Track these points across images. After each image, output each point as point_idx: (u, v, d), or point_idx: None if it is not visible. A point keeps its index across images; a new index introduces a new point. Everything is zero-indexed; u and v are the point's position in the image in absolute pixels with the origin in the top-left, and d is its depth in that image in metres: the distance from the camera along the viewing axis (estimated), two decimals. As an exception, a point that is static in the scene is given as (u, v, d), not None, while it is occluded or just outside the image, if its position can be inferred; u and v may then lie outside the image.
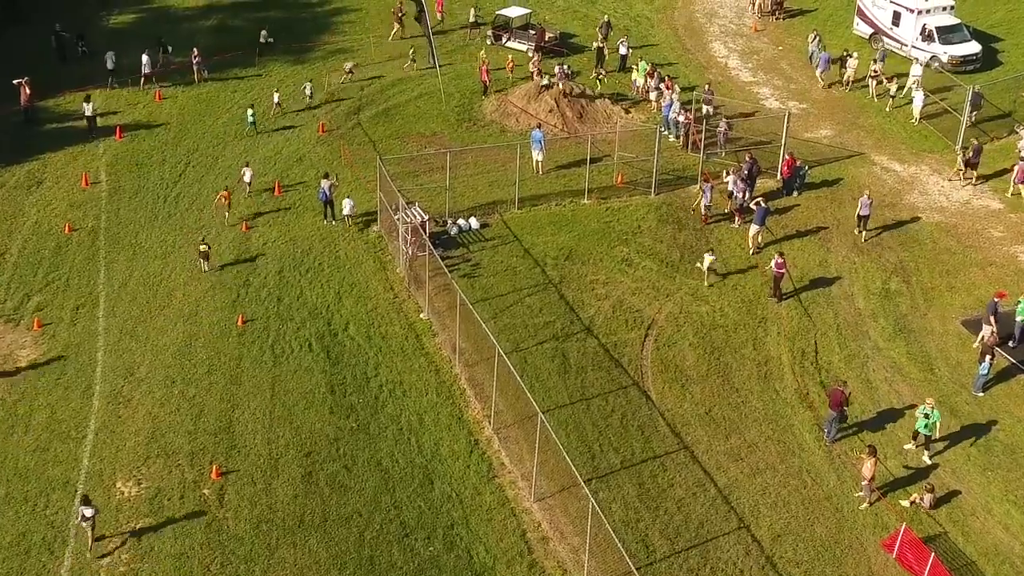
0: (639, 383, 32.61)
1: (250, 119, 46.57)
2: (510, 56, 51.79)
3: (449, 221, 39.92)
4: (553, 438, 27.42)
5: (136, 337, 33.68)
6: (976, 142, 43.67)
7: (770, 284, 36.51)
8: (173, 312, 34.92)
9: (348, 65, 51.36)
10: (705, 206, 40.45)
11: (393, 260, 37.88)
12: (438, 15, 48.86)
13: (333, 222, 39.56)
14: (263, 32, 54.61)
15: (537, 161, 43.11)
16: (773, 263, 36.15)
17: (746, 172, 41.44)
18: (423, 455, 29.73)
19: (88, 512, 26.07)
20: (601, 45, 52.35)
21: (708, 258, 36.98)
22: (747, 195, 41.12)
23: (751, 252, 38.82)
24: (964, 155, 43.42)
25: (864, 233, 40.06)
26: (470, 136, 46.70)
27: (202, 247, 37.00)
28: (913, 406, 31.18)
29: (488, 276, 37.18)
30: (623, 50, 52.79)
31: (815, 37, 53.48)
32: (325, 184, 39.30)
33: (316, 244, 38.74)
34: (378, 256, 38.25)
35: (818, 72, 51.98)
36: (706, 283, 36.75)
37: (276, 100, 48.03)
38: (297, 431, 30.23)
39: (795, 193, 42.63)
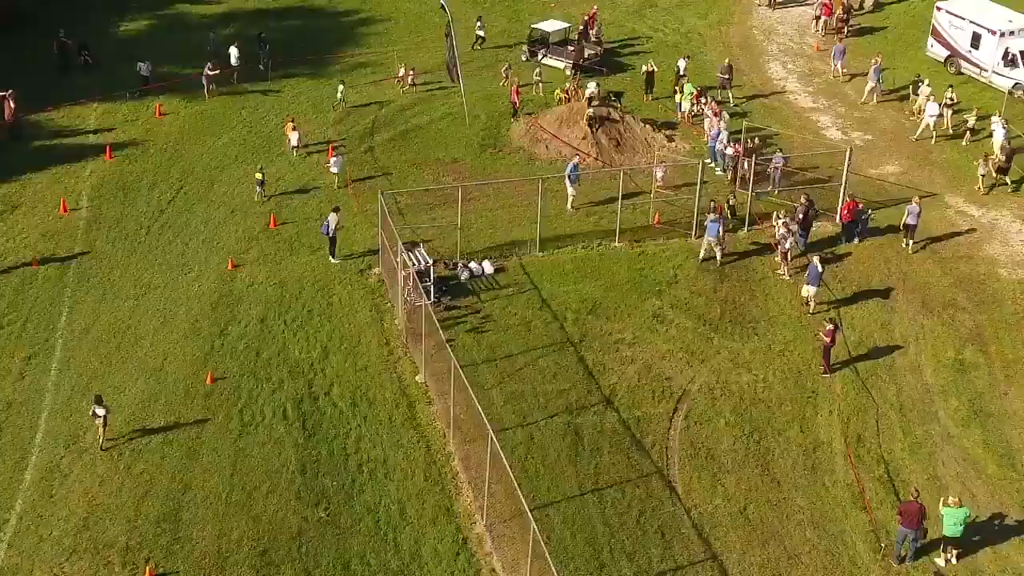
0: (663, 471, 27.78)
1: (339, 94, 45.38)
2: (515, 79, 47.04)
3: (460, 264, 35.32)
4: (543, 548, 22.67)
5: (89, 396, 29.41)
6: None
7: (822, 354, 31.45)
8: (136, 365, 30.68)
9: (401, 72, 47.42)
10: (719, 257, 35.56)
11: (392, 309, 33.38)
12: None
13: (333, 259, 35.14)
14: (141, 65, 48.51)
15: (570, 196, 38.35)
16: (823, 332, 31.12)
17: (800, 216, 36.38)
18: (400, 557, 25.13)
19: (100, 411, 27.16)
20: (651, 68, 47.24)
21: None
22: (798, 242, 36.10)
23: (806, 311, 33.78)
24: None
25: (912, 244, 36.36)
26: (493, 164, 42.11)
27: (258, 175, 38.79)
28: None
29: (498, 331, 32.54)
30: (681, 64, 47.65)
31: (877, 63, 48.00)
32: (333, 219, 34.87)
33: (307, 287, 34.35)
34: (376, 304, 33.78)
35: (868, 87, 47.29)
36: None
37: (340, 96, 45.96)
38: (255, 521, 25.76)
39: (856, 241, 37.48)
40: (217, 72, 46.82)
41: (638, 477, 27.50)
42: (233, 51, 48.96)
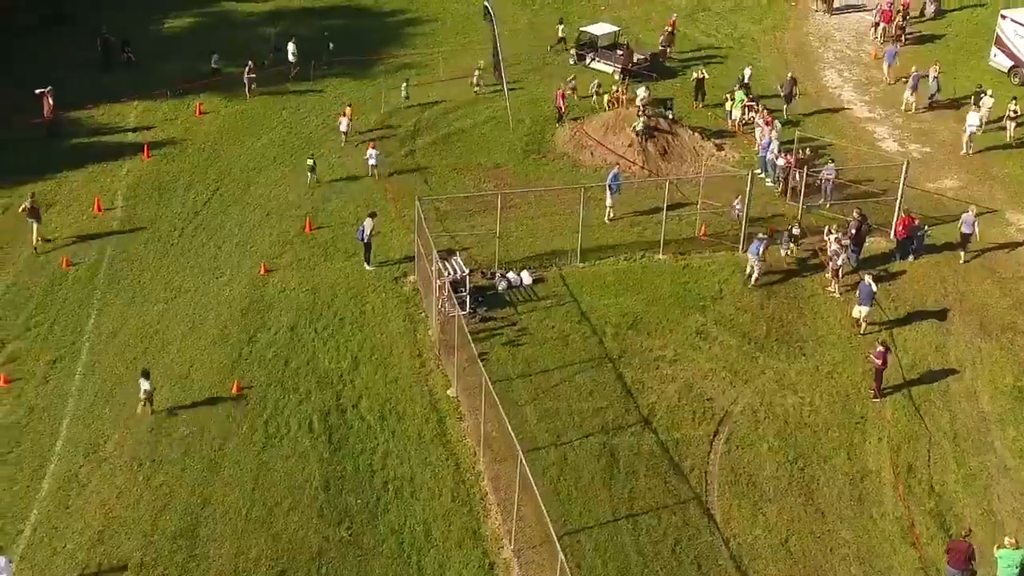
0: (701, 497, 26.51)
1: (404, 93, 45.25)
2: (569, 80, 45.87)
3: (498, 274, 34.24)
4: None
5: (112, 402, 28.74)
6: None
7: (872, 376, 30.02)
8: (162, 371, 29.87)
9: (477, 72, 46.54)
10: (756, 276, 34.17)
11: (426, 319, 32.38)
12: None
13: (368, 267, 34.20)
14: (214, 56, 48.76)
15: (609, 206, 37.14)
16: (873, 353, 29.70)
17: (853, 231, 34.92)
18: (423, 582, 24.10)
19: (146, 385, 27.83)
20: (702, 75, 45.83)
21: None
22: (850, 258, 34.69)
23: (856, 332, 32.35)
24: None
25: (964, 255, 35.31)
26: (536, 171, 41.01)
27: (309, 161, 39.40)
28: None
29: (535, 345, 31.42)
30: (747, 73, 46.24)
31: (934, 72, 46.28)
32: (368, 224, 33.93)
33: (340, 295, 33.44)
34: (411, 313, 32.79)
35: (906, 94, 45.94)
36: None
37: (404, 94, 45.77)
38: (275, 540, 24.82)
39: (911, 258, 35.94)
40: (255, 75, 46.09)
41: (675, 503, 26.26)
42: (291, 47, 48.25)
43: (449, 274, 32.15)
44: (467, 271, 32.69)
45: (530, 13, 56.25)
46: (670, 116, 42.62)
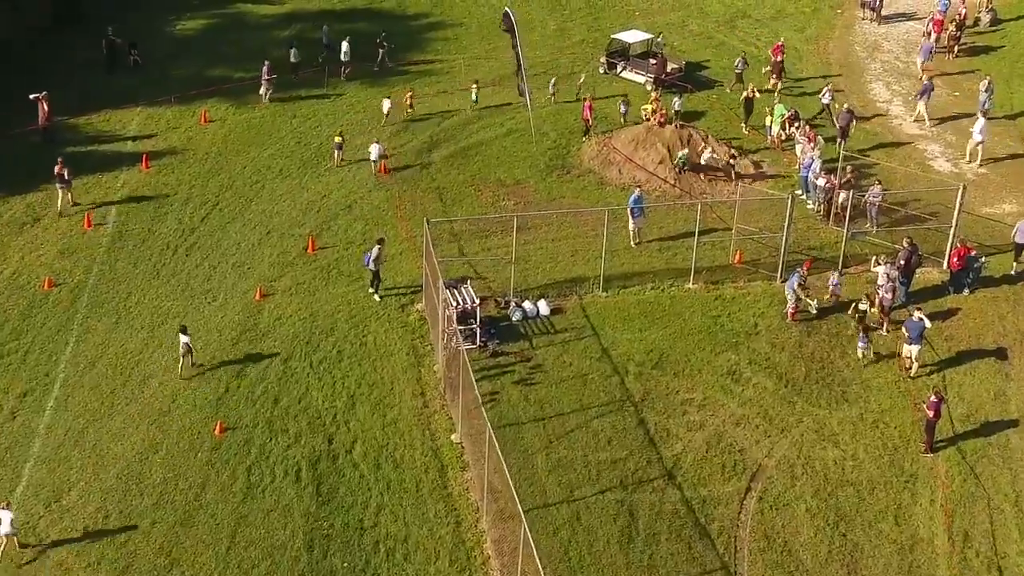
0: (730, 567, 23.58)
1: (474, 96, 43.01)
2: (578, 82, 43.31)
3: (512, 303, 31.46)
4: None
5: (82, 444, 26.22)
6: None
7: (923, 428, 26.98)
8: (140, 409, 27.35)
9: (475, 87, 43.57)
10: (794, 305, 31.19)
11: (433, 353, 29.65)
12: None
13: (377, 296, 31.40)
14: (292, 50, 46.73)
15: (632, 231, 34.26)
16: (926, 404, 26.67)
17: (902, 262, 31.84)
18: (412, 663, 21.35)
19: (184, 339, 28.00)
20: (751, 94, 42.46)
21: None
22: (899, 292, 31.65)
23: (906, 375, 29.32)
24: None
25: (1017, 265, 32.81)
26: (559, 188, 38.18)
27: (336, 139, 38.59)
28: None
29: (549, 384, 28.63)
30: (826, 99, 42.45)
31: (988, 83, 43.12)
32: (376, 251, 31.23)
33: (341, 323, 30.79)
34: (415, 345, 30.09)
35: (919, 105, 42.90)
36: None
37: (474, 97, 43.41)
38: (248, 610, 22.19)
39: (966, 292, 32.80)
40: (274, 77, 43.68)
41: (700, 573, 23.35)
42: (344, 46, 46.13)
43: (457, 305, 29.41)
44: (477, 301, 29.91)
45: (560, 18, 53.43)
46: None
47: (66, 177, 35.65)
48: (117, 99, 43.36)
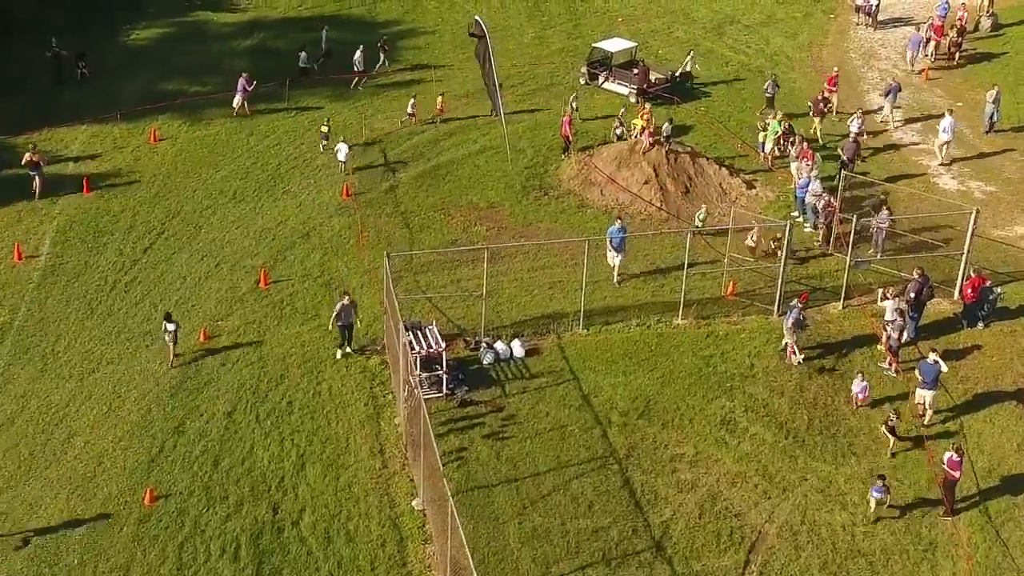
0: (729, 658, 20.64)
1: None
2: (570, 99, 40.00)
3: (483, 344, 28.47)
4: None
5: (-7, 518, 23.13)
6: None
7: (942, 487, 24.09)
8: (61, 473, 24.32)
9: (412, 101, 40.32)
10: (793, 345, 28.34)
11: (394, 402, 26.65)
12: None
13: (348, 352, 28.18)
14: (302, 55, 43.97)
15: (613, 266, 31.26)
16: (945, 459, 23.78)
17: (912, 295, 28.96)
18: None
19: (171, 327, 26.89)
20: (762, 127, 38.55)
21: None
22: (909, 328, 28.79)
23: (920, 423, 26.44)
24: None
25: None
26: (536, 212, 35.22)
27: (323, 128, 37.28)
28: None
29: (524, 439, 25.67)
30: (855, 128, 37.96)
31: (995, 94, 40.37)
32: (338, 305, 27.95)
33: (293, 369, 27.76)
34: (375, 394, 27.11)
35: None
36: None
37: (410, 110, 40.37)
38: None
39: (980, 325, 29.95)
40: (253, 85, 40.82)
41: (694, 667, 20.43)
42: (358, 55, 43.58)
43: (420, 350, 26.40)
44: (443, 345, 26.88)
45: (538, 25, 50.53)
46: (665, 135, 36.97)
47: (38, 165, 35.21)
48: (61, 116, 40.23)
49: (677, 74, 42.85)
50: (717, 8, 51.92)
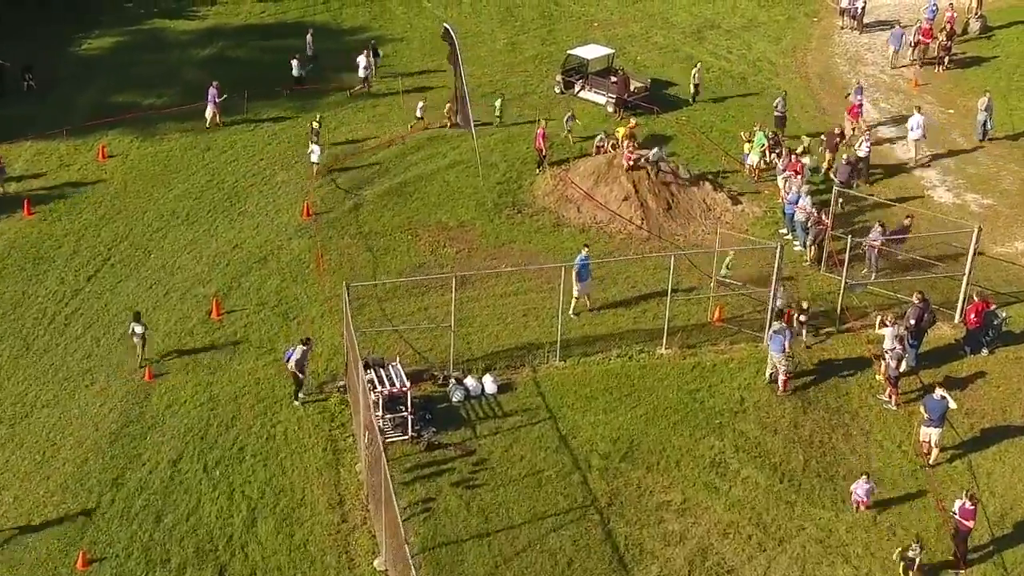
0: None
1: (497, 109, 38.65)
2: (566, 118, 37.77)
3: (452, 380, 26.32)
4: None
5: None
6: None
7: (953, 539, 22.09)
8: (-14, 534, 21.97)
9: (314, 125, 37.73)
10: (785, 374, 26.37)
11: (355, 446, 24.47)
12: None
13: (301, 400, 25.88)
14: (293, 63, 41.81)
15: (575, 298, 29.01)
16: (957, 508, 21.78)
17: (912, 321, 26.99)
18: None
19: (139, 328, 25.92)
20: (751, 138, 36.26)
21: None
22: (909, 356, 26.84)
23: (925, 462, 24.46)
24: None
25: None
26: (509, 231, 33.13)
27: (314, 123, 36.08)
28: None
29: (497, 486, 23.56)
30: (863, 150, 35.31)
31: (987, 101, 38.54)
32: (299, 352, 25.60)
33: (246, 410, 25.57)
34: (335, 437, 24.94)
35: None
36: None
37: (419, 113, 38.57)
38: None
39: (984, 352, 28.03)
40: (223, 97, 38.76)
41: None
42: (362, 60, 41.37)
43: (382, 389, 24.25)
44: (407, 384, 24.70)
45: (511, 30, 48.41)
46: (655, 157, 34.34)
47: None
48: (3, 132, 37.73)
49: (694, 89, 40.35)
50: (697, 12, 49.96)
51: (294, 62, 41.55)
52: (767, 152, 36.10)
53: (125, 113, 39.30)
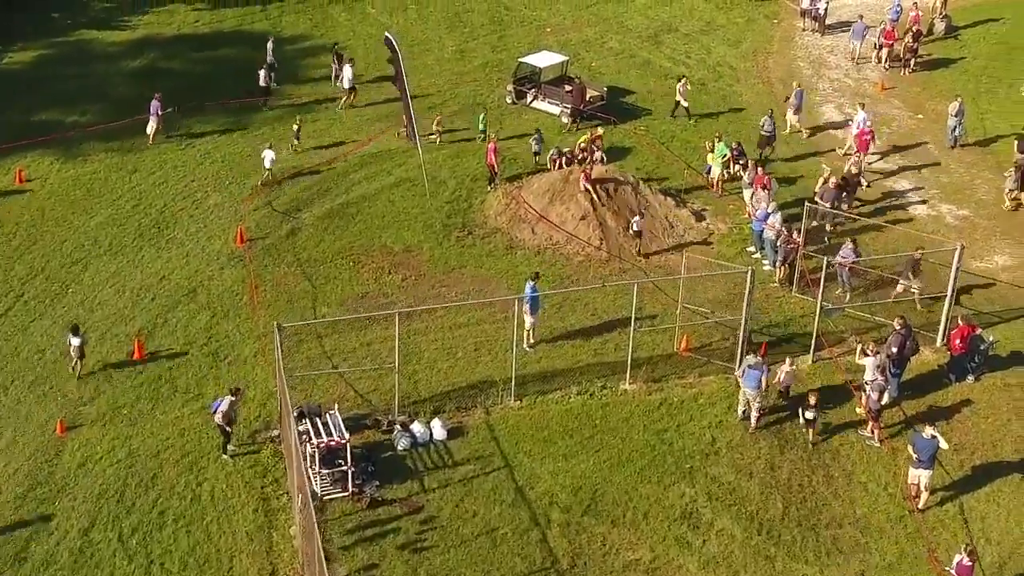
0: None
1: (481, 123, 36.11)
2: (533, 136, 35.43)
3: (397, 426, 24.01)
4: None
5: None
6: None
7: (952, 598, 20.12)
8: None
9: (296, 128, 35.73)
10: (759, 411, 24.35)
11: (290, 504, 22.09)
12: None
13: (230, 453, 23.44)
14: (261, 73, 39.27)
15: (527, 329, 26.81)
16: (955, 565, 19.81)
17: (895, 349, 24.99)
18: None
19: (76, 341, 24.67)
20: (713, 147, 34.10)
21: None
22: (892, 386, 24.88)
23: (913, 507, 22.45)
24: None
25: None
26: (459, 255, 30.87)
27: (294, 125, 35.65)
28: None
29: (447, 547, 21.28)
30: (854, 169, 33.29)
31: (958, 106, 36.74)
32: (226, 403, 23.18)
33: (168, 466, 23.13)
34: (267, 495, 22.58)
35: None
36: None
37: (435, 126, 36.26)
38: None
39: (970, 379, 26.11)
40: (167, 110, 36.56)
41: None
42: (347, 69, 39.10)
43: (319, 441, 21.91)
44: (346, 435, 22.36)
45: (459, 36, 46.14)
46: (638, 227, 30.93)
47: None
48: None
49: (684, 108, 37.98)
50: (653, 15, 47.92)
51: (261, 72, 38.97)
52: (731, 163, 34.07)
53: (46, 133, 36.64)
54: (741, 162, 34.09)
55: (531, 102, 39.38)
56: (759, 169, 32.52)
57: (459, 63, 43.68)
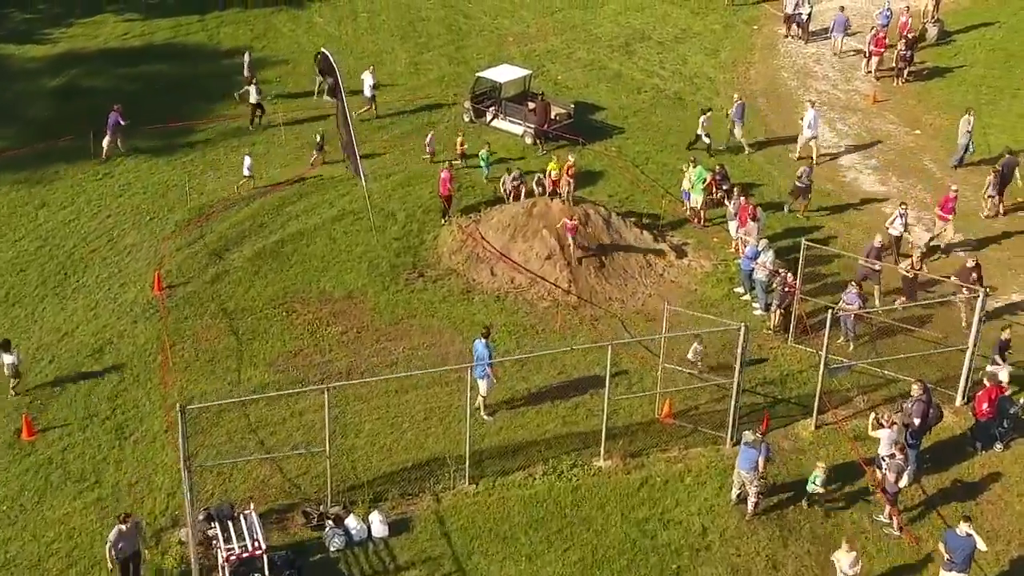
0: None
1: (483, 162, 31.92)
2: (512, 175, 31.49)
3: (329, 523, 20.14)
4: None
5: None
6: None
7: None
8: None
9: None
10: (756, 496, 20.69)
11: (196, 629, 18.20)
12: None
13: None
14: (251, 89, 35.52)
15: (481, 397, 23.01)
16: None
17: (917, 420, 21.34)
18: None
19: (9, 359, 22.58)
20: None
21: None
22: (911, 458, 21.27)
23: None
24: None
25: None
26: (408, 301, 27.04)
27: (317, 137, 32.79)
28: None
29: None
30: (896, 229, 28.43)
31: (971, 122, 33.25)
32: (113, 533, 18.97)
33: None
34: (172, 611, 18.60)
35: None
36: None
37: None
38: None
39: (998, 447, 22.53)
40: (127, 123, 32.90)
41: None
42: (368, 77, 35.63)
43: (231, 549, 18.02)
44: (262, 544, 18.46)
45: (413, 48, 42.33)
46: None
47: None
48: None
49: (706, 143, 33.76)
50: (624, 23, 44.28)
51: (251, 88, 35.02)
52: (713, 189, 30.43)
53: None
54: (725, 187, 30.50)
55: (491, 121, 35.57)
56: (743, 198, 28.82)
57: (412, 77, 39.89)
